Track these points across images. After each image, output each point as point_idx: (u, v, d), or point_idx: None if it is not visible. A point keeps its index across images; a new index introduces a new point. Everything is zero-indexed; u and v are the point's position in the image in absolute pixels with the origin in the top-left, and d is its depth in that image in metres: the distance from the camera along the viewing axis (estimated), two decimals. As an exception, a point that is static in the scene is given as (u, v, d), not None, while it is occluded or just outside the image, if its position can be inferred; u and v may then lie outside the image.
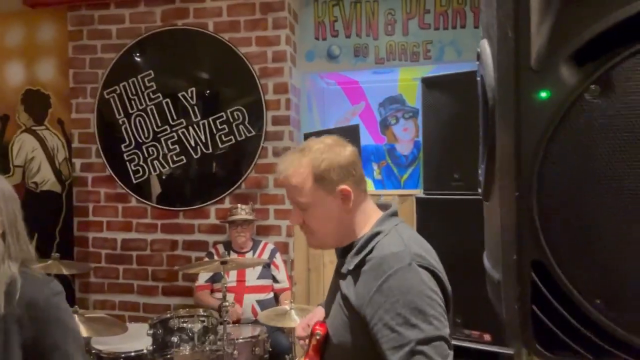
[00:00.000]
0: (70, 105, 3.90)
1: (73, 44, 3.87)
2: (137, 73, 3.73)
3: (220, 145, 3.64)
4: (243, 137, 3.61)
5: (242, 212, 3.32)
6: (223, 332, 2.35)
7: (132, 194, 3.77)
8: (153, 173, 3.74)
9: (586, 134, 0.54)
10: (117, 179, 3.78)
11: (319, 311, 1.42)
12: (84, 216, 3.87)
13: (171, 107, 3.68)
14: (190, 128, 3.66)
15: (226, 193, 3.64)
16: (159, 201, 3.75)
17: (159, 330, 2.31)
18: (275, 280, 3.31)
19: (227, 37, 3.61)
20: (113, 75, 3.77)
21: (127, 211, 3.80)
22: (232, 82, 3.61)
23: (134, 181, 3.77)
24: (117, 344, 2.64)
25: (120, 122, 3.76)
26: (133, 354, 2.55)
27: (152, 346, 2.34)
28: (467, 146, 1.36)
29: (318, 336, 1.24)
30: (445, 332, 1.08)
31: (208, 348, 2.27)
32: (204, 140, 3.65)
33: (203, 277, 3.31)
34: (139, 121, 3.74)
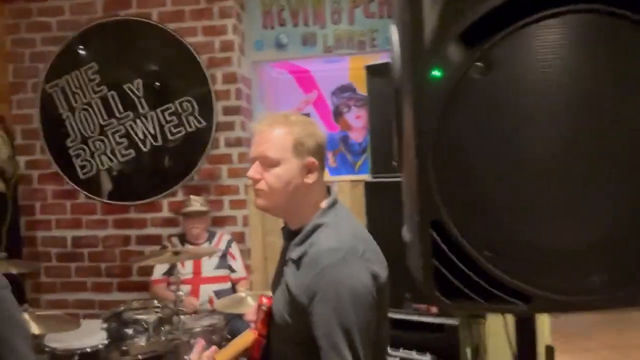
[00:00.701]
0: (11, 101, 3.76)
1: (11, 37, 3.73)
2: (79, 66, 3.63)
3: (170, 137, 3.61)
4: (193, 128, 3.59)
5: (196, 204, 3.32)
6: (178, 322, 2.36)
7: (81, 190, 3.69)
8: (101, 168, 3.67)
9: (473, 108, 0.61)
10: (63, 175, 3.69)
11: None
12: (31, 215, 3.76)
13: (117, 99, 3.61)
14: (137, 120, 3.61)
15: (178, 185, 3.62)
16: (110, 197, 3.69)
17: (113, 323, 2.31)
18: (232, 270, 3.34)
19: (173, 27, 3.57)
20: (55, 69, 3.66)
21: (76, 208, 3.72)
22: (179, 72, 3.58)
23: (82, 177, 3.69)
24: (72, 340, 2.61)
25: (65, 116, 3.67)
26: (89, 349, 2.53)
27: (107, 340, 2.33)
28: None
29: (264, 307, 1.30)
30: (368, 322, 1.18)
31: (164, 338, 2.29)
32: (153, 132, 3.61)
33: (159, 271, 3.30)
34: (84, 115, 3.65)
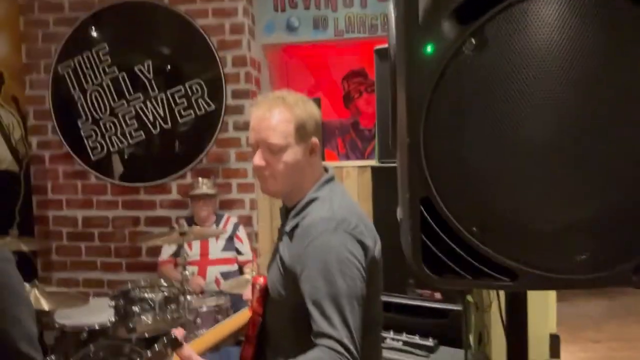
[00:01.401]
0: (24, 81, 3.81)
1: (25, 18, 3.76)
2: (91, 47, 3.66)
3: (179, 120, 3.63)
4: (203, 111, 3.60)
5: (204, 187, 3.35)
6: (184, 301, 2.40)
7: (92, 170, 3.74)
8: (112, 150, 3.71)
9: (466, 85, 0.61)
10: (75, 156, 3.74)
11: None
12: (43, 195, 3.82)
13: (127, 81, 3.63)
14: (147, 102, 3.63)
15: (187, 168, 3.65)
16: (120, 179, 3.73)
17: (120, 301, 2.35)
18: (238, 253, 3.37)
19: (183, 8, 3.57)
20: (67, 50, 3.69)
21: (87, 188, 3.77)
22: (189, 55, 3.59)
23: (93, 158, 3.73)
24: (81, 317, 2.67)
25: (76, 97, 3.70)
26: (97, 326, 2.59)
27: (115, 317, 2.38)
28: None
29: (259, 286, 1.32)
30: (357, 292, 1.17)
31: (170, 316, 2.33)
32: (162, 114, 3.64)
33: (166, 252, 3.34)
34: (95, 96, 3.68)
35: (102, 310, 2.63)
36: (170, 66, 3.63)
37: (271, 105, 1.29)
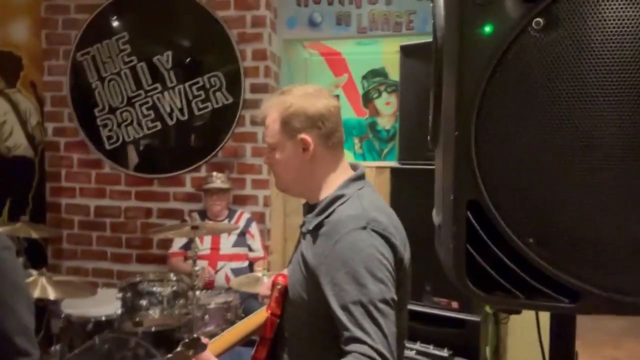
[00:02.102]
0: (43, 67, 3.79)
1: (46, 3, 3.74)
2: (111, 35, 3.62)
3: (196, 112, 3.58)
4: (220, 104, 3.54)
5: (218, 181, 3.29)
6: (193, 297, 2.34)
7: (106, 159, 3.71)
8: (127, 139, 3.67)
9: (529, 70, 0.52)
10: (90, 144, 3.71)
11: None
12: (57, 182, 3.80)
13: (146, 71, 3.58)
14: (165, 93, 3.58)
15: (202, 161, 3.59)
16: (135, 170, 3.70)
17: (128, 293, 2.30)
18: (250, 249, 3.31)
19: (205, 0, 3.51)
20: (86, 37, 3.66)
21: (101, 177, 3.74)
22: (209, 47, 3.53)
23: (108, 147, 3.69)
24: (87, 307, 2.63)
25: (94, 85, 3.67)
26: (103, 318, 2.54)
27: (122, 309, 2.33)
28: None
29: (279, 286, 1.25)
30: (389, 295, 1.09)
31: (177, 312, 2.27)
32: (179, 106, 3.58)
33: (177, 245, 3.30)
34: (113, 85, 3.64)
35: (109, 301, 2.58)
36: (190, 58, 3.57)
37: (270, 104, 1.29)
